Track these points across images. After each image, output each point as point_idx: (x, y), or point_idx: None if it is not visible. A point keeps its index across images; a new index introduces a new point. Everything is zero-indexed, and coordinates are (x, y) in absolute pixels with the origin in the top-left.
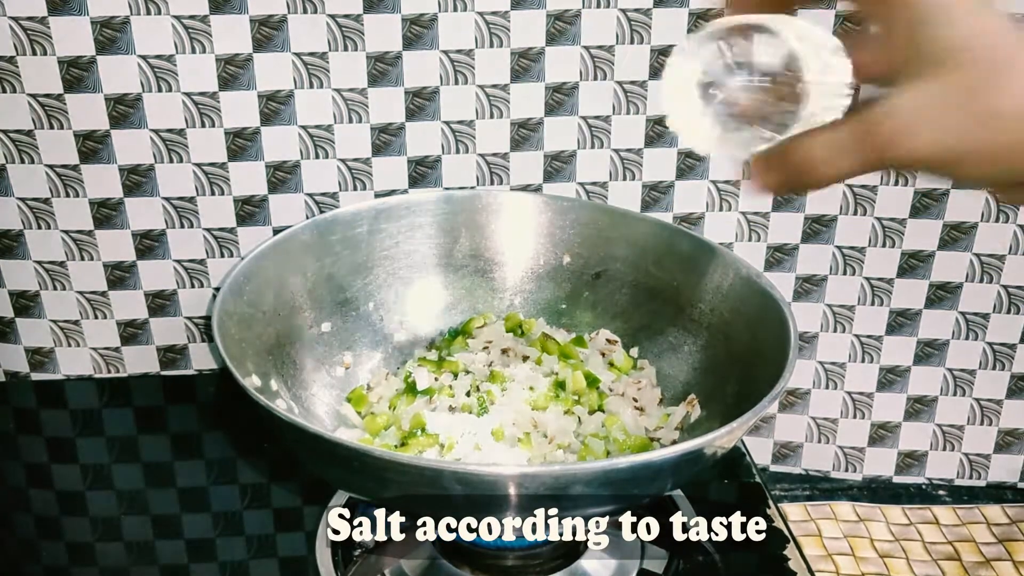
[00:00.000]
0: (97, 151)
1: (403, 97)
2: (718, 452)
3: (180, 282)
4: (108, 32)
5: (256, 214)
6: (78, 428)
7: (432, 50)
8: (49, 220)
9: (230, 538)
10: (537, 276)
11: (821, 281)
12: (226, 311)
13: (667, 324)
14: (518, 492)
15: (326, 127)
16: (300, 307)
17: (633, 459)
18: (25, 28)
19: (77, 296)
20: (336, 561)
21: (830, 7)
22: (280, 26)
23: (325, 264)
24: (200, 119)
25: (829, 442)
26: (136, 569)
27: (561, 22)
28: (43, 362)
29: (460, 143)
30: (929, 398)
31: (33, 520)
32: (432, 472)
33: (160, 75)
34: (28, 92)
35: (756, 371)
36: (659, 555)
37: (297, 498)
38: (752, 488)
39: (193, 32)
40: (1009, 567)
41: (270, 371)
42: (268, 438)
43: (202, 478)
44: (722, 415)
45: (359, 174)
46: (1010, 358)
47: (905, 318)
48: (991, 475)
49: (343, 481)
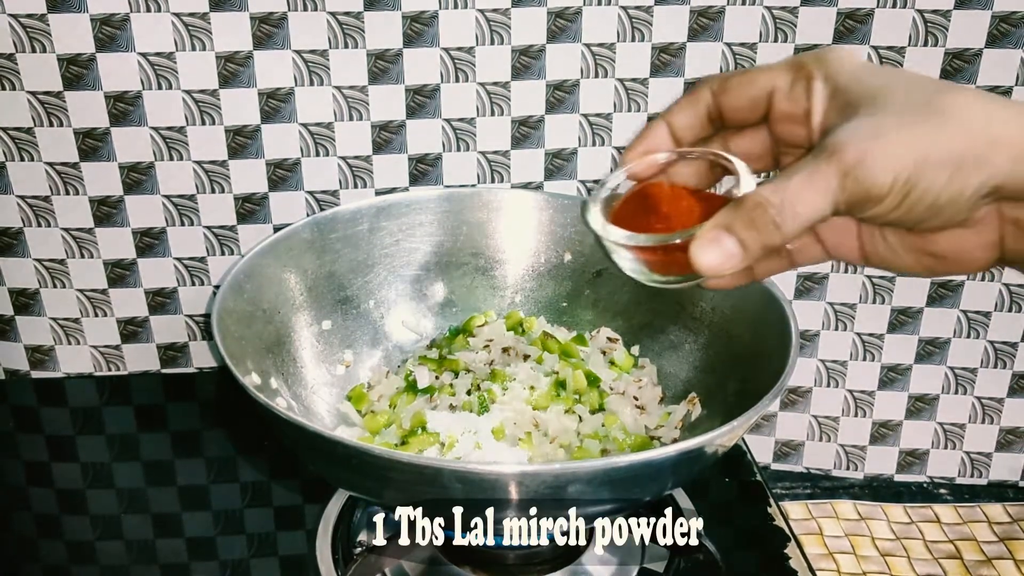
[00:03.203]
0: (97, 149)
1: (404, 95)
2: (719, 451)
3: (180, 280)
4: (108, 29)
5: (256, 212)
6: (78, 426)
7: (433, 47)
8: (49, 218)
9: (230, 536)
10: (538, 274)
11: (822, 279)
12: (226, 309)
13: (668, 322)
14: (518, 491)
15: (326, 125)
16: (300, 305)
17: (633, 458)
18: (24, 25)
19: (77, 294)
20: (336, 560)
21: (831, 5)
22: (280, 23)
23: (325, 262)
24: (200, 117)
25: (830, 440)
26: (136, 568)
27: (562, 19)
28: (43, 360)
29: (461, 141)
30: (930, 397)
31: (33, 518)
32: (432, 471)
33: (160, 72)
34: (28, 89)
35: (757, 369)
36: (660, 555)
37: (297, 496)
38: (753, 487)
39: (193, 29)
40: (1010, 566)
41: (270, 369)
42: (268, 436)
43: (202, 476)
44: (723, 413)
45: (359, 172)
46: (1011, 356)
47: (906, 316)
48: (992, 474)
49: (343, 480)
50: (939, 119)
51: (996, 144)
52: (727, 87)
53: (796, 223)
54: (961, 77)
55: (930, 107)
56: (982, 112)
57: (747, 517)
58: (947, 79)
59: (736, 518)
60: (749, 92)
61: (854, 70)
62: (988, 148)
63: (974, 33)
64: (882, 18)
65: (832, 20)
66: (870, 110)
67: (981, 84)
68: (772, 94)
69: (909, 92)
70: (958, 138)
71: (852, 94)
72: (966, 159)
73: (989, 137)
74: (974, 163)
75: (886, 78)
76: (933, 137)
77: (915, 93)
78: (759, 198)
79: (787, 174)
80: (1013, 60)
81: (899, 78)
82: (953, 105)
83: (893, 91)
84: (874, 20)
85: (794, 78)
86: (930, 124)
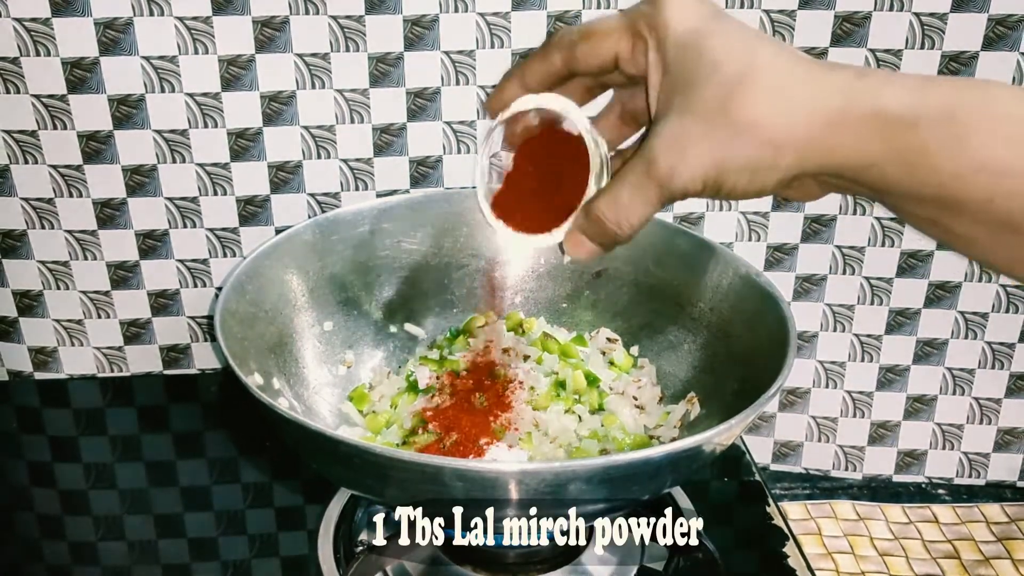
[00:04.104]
0: (100, 151)
1: (404, 97)
2: (717, 449)
3: (183, 282)
4: (111, 33)
5: (258, 214)
6: (81, 427)
7: (433, 51)
8: (52, 220)
9: (232, 537)
10: (538, 275)
11: (821, 280)
12: (228, 310)
13: (667, 323)
14: (519, 489)
15: (328, 127)
16: (302, 306)
17: (632, 456)
18: (29, 29)
19: (80, 296)
20: (338, 559)
21: (829, 8)
22: (282, 27)
23: (327, 263)
24: (203, 120)
25: (829, 441)
26: (138, 568)
27: (562, 23)
28: (46, 361)
29: (461, 143)
30: (928, 397)
31: (36, 519)
32: (432, 469)
33: (163, 76)
34: (32, 93)
35: (755, 369)
36: (659, 554)
37: (299, 497)
38: (752, 487)
39: (196, 33)
40: (1008, 565)
41: (272, 370)
42: (270, 437)
43: (204, 477)
44: (722, 413)
45: (361, 174)
46: (1009, 357)
47: (904, 317)
48: (990, 474)
49: (345, 479)
50: (732, 130)
51: (782, 148)
52: (575, 54)
53: (631, 228)
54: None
55: (727, 115)
56: (771, 112)
57: (746, 517)
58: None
59: (735, 518)
60: (596, 59)
61: (679, 38)
62: (776, 153)
63: (971, 35)
64: (879, 21)
65: (830, 23)
66: (682, 105)
67: None
68: (617, 57)
69: (714, 84)
70: (749, 147)
71: (674, 76)
72: (760, 165)
73: (776, 143)
74: (767, 167)
75: (699, 57)
76: (728, 147)
77: (718, 87)
78: (598, 211)
79: (618, 186)
80: (1009, 62)
81: (708, 57)
82: (743, 110)
83: (702, 82)
84: (871, 23)
85: (633, 44)
86: (726, 133)
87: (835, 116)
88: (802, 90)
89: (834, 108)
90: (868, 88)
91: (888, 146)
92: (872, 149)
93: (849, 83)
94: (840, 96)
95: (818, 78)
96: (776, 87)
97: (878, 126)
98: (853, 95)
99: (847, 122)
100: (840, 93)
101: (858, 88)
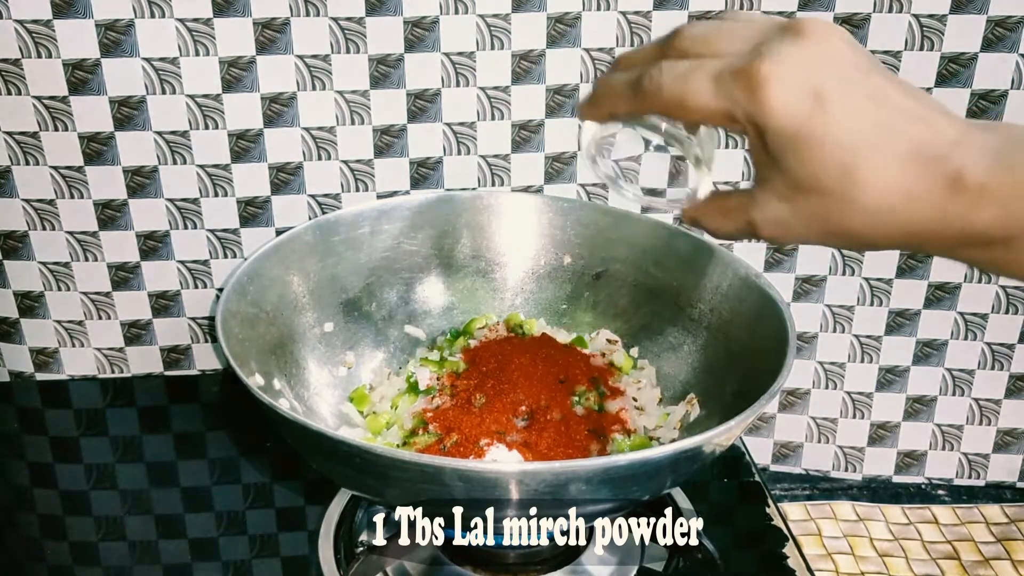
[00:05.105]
0: (101, 153)
1: (405, 99)
2: (716, 450)
3: (184, 283)
4: (112, 35)
5: (259, 215)
6: (82, 428)
7: (433, 52)
8: (54, 221)
9: (233, 537)
10: (538, 277)
11: (820, 281)
12: (229, 311)
13: (667, 324)
14: (519, 489)
15: (328, 129)
16: (303, 307)
17: (632, 456)
18: (30, 31)
19: (81, 297)
20: (338, 559)
21: (828, 9)
22: (283, 29)
23: (327, 265)
24: (204, 121)
25: (829, 442)
26: (139, 568)
27: (562, 24)
28: (47, 362)
29: (461, 144)
30: (928, 398)
31: (37, 519)
32: (433, 469)
33: (164, 77)
34: (33, 94)
35: (755, 370)
36: (659, 554)
37: (300, 497)
38: (752, 488)
39: (197, 35)
40: (1008, 566)
41: (273, 371)
42: (271, 437)
43: (205, 478)
44: (721, 414)
45: (361, 175)
46: (1008, 358)
47: (904, 318)
48: (990, 475)
49: (345, 479)
50: (831, 235)
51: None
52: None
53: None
54: (956, 81)
55: (827, 224)
56: (871, 233)
57: (746, 517)
58: (943, 84)
59: (735, 519)
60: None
61: (779, 140)
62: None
63: (970, 37)
64: (879, 22)
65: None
66: (785, 195)
67: (976, 88)
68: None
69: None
70: (847, 245)
71: (775, 162)
72: (859, 241)
73: (872, 247)
74: (866, 244)
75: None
76: (826, 240)
77: (818, 203)
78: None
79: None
80: (1008, 64)
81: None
82: (842, 224)
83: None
84: (871, 24)
85: (730, 124)
86: (826, 233)
87: (930, 236)
88: (902, 213)
89: (931, 231)
90: (962, 210)
91: (984, 257)
92: (962, 257)
93: (944, 202)
94: (938, 223)
95: (921, 196)
96: (874, 210)
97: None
98: (948, 220)
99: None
100: (936, 214)
101: (952, 212)
